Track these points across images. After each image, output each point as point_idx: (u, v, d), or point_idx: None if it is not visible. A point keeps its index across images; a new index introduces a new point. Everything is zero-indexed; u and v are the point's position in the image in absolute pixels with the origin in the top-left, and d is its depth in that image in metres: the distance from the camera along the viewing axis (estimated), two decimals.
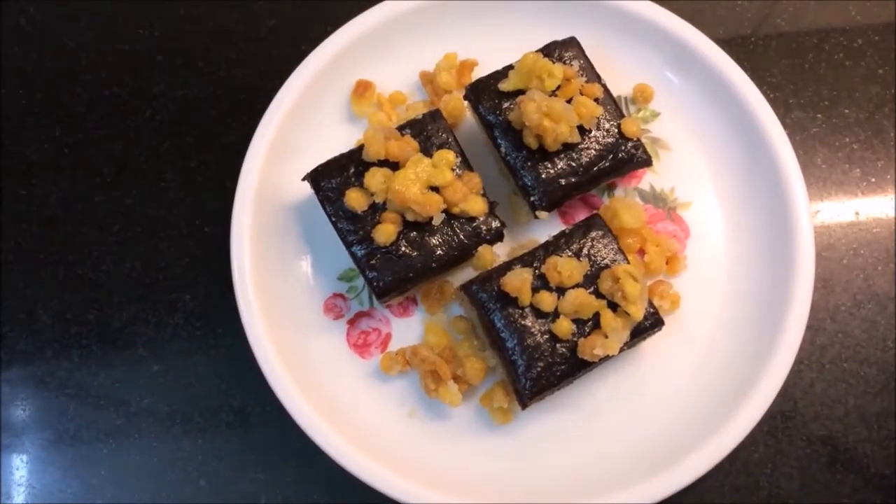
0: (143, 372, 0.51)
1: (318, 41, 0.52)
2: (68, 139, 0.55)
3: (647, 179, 0.52)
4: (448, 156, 0.46)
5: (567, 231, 0.46)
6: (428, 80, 0.53)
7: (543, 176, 0.47)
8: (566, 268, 0.44)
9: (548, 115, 0.45)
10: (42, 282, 0.53)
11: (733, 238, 0.51)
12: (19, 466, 0.50)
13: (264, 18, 0.58)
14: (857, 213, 0.54)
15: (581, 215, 0.51)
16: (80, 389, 0.51)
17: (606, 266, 0.45)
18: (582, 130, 0.47)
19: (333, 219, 0.46)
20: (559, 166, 0.47)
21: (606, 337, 0.43)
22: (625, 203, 0.49)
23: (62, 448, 0.50)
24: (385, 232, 0.45)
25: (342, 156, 0.47)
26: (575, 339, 0.44)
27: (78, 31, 0.58)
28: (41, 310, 0.52)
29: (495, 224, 0.47)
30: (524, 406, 0.45)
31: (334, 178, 0.47)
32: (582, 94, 0.48)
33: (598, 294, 0.44)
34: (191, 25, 0.58)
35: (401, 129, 0.47)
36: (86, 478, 0.50)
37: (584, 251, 0.45)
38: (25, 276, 0.53)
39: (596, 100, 0.48)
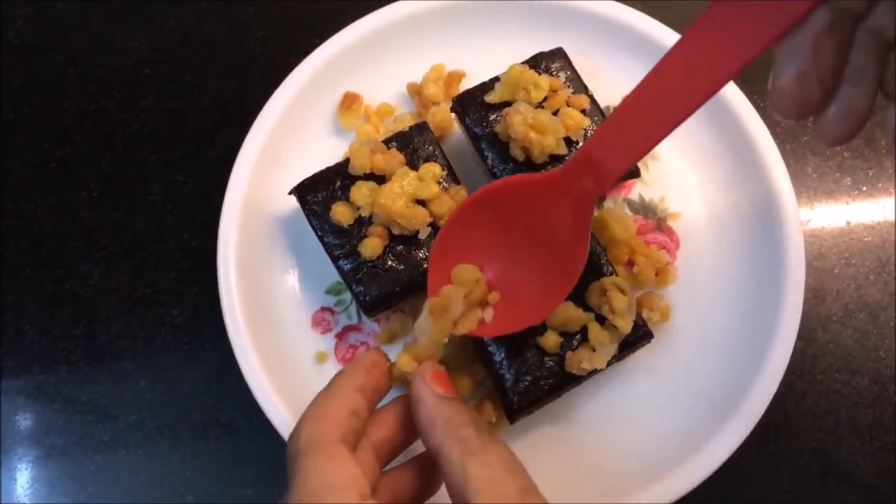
0: (131, 387, 0.51)
1: (307, 53, 0.52)
2: (56, 153, 0.55)
3: (637, 190, 0.52)
4: (434, 169, 0.46)
5: None
6: (415, 91, 0.53)
7: None
8: None
9: (534, 128, 0.44)
10: (29, 297, 0.53)
11: (723, 248, 0.51)
12: (6, 483, 0.50)
13: (253, 30, 0.58)
14: (848, 223, 0.53)
15: None
16: (68, 405, 0.51)
17: (594, 278, 0.45)
18: (569, 142, 0.47)
19: (319, 233, 0.46)
20: None
21: (594, 350, 0.43)
22: (613, 214, 0.49)
23: (50, 464, 0.50)
24: (371, 246, 0.45)
25: (328, 169, 0.47)
26: (563, 352, 0.44)
27: (66, 45, 0.58)
28: (28, 325, 0.52)
29: None
30: (512, 421, 0.45)
31: (320, 192, 0.46)
32: (569, 105, 0.47)
33: (586, 307, 0.44)
34: (179, 38, 0.58)
35: (387, 141, 0.47)
36: (74, 493, 0.49)
37: None
38: (12, 290, 0.53)
39: (583, 111, 0.47)
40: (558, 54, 0.49)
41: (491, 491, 0.32)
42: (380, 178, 0.46)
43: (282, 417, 0.45)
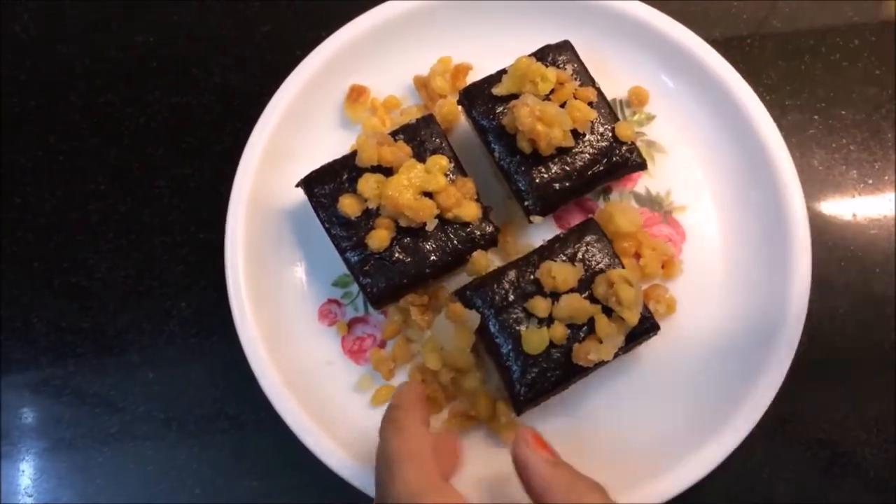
0: (138, 380, 0.51)
1: (313, 46, 0.52)
2: (62, 147, 0.55)
3: (643, 183, 0.52)
4: (441, 161, 0.46)
5: (562, 235, 0.46)
6: (422, 84, 0.53)
7: (537, 180, 0.47)
8: (560, 273, 0.44)
9: (541, 120, 0.44)
10: (37, 290, 0.53)
11: (729, 241, 0.51)
12: (15, 475, 0.50)
13: (258, 24, 0.58)
14: (854, 215, 0.53)
15: (576, 219, 0.51)
16: (76, 398, 0.51)
17: (601, 271, 0.45)
18: (576, 134, 0.47)
19: (327, 225, 0.46)
20: (553, 171, 0.47)
21: (601, 342, 0.43)
22: (620, 207, 0.49)
23: (58, 456, 0.50)
24: (378, 238, 0.45)
25: (335, 162, 0.47)
26: (570, 344, 0.44)
27: (72, 39, 0.58)
28: (36, 318, 0.52)
29: (489, 229, 0.47)
30: (519, 412, 0.45)
31: (328, 185, 0.47)
32: (576, 97, 0.47)
33: (593, 299, 0.44)
34: (184, 32, 0.58)
35: (394, 134, 0.47)
36: (81, 486, 0.50)
37: (579, 256, 0.45)
38: (20, 284, 0.53)
39: (590, 103, 0.47)
40: (565, 47, 0.49)
41: None
42: (387, 171, 0.46)
43: (290, 410, 0.45)
